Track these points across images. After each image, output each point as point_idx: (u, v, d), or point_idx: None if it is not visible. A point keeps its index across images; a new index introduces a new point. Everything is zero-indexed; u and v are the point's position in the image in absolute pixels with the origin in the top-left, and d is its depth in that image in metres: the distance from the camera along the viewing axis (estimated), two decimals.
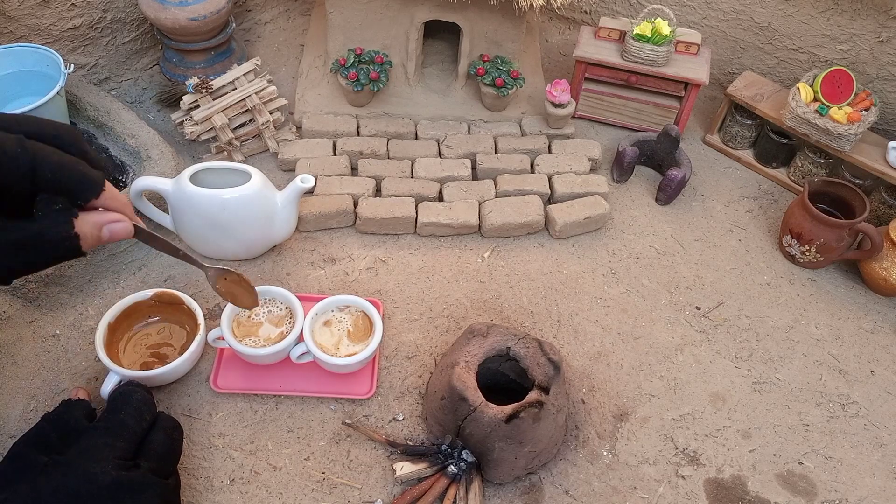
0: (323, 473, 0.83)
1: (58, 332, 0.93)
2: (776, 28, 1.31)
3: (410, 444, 0.86)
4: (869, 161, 1.14)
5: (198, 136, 1.12)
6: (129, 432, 0.68)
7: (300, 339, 0.87)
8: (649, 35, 1.20)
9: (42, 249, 0.45)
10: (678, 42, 1.24)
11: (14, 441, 0.68)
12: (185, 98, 1.11)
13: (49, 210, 0.46)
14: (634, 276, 1.10)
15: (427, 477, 0.82)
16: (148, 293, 0.91)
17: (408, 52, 1.24)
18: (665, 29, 1.19)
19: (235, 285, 0.78)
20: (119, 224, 0.49)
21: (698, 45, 1.25)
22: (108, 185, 0.47)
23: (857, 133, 1.11)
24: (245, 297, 0.80)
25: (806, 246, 1.10)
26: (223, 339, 0.87)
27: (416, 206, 1.10)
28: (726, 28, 1.37)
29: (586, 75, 1.28)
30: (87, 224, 0.46)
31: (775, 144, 1.26)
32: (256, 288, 0.90)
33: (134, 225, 0.52)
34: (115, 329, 0.88)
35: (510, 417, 0.78)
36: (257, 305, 0.83)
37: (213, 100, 1.12)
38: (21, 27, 1.13)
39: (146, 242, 0.58)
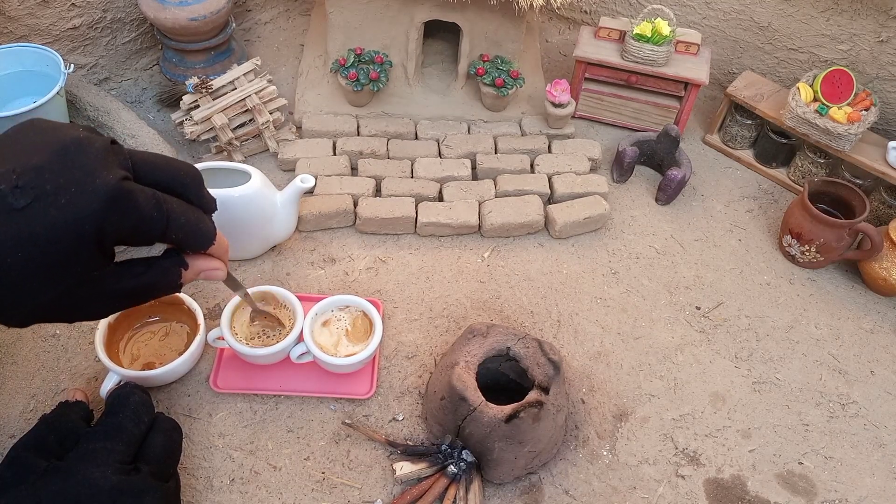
0: (323, 473, 0.83)
1: (57, 331, 0.93)
2: (776, 28, 1.31)
3: (410, 444, 0.86)
4: (869, 161, 1.14)
5: (198, 136, 1.12)
6: (127, 435, 0.68)
7: (300, 339, 0.87)
8: (649, 35, 1.20)
9: (148, 294, 0.47)
10: (678, 42, 1.24)
11: (13, 442, 0.68)
12: (185, 98, 1.11)
13: (158, 257, 0.48)
14: (634, 276, 1.10)
15: (427, 477, 0.82)
16: None
17: (408, 52, 1.24)
18: (665, 29, 1.19)
19: (269, 325, 0.87)
20: (217, 272, 0.51)
21: (698, 45, 1.25)
22: (218, 233, 0.50)
23: (857, 133, 1.11)
24: (273, 327, 0.88)
25: (806, 246, 1.10)
26: (223, 339, 0.87)
27: (416, 206, 1.10)
28: (726, 28, 1.37)
29: (586, 75, 1.28)
30: (191, 272, 0.49)
31: (775, 144, 1.26)
32: (259, 288, 0.91)
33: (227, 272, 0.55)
34: (114, 329, 0.88)
35: (510, 417, 0.78)
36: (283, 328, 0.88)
37: (213, 100, 1.12)
38: (21, 27, 1.14)
39: (229, 286, 0.62)
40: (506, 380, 0.89)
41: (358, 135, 1.22)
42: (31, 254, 0.38)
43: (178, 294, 0.91)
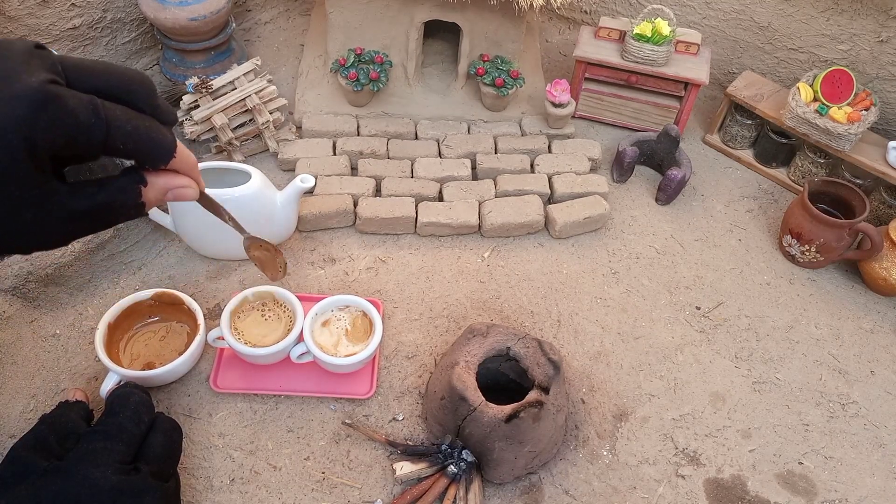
0: (323, 473, 0.83)
1: (57, 331, 0.93)
2: (776, 28, 1.31)
3: (410, 444, 0.86)
4: (869, 161, 1.14)
5: (198, 136, 1.12)
6: (127, 435, 0.68)
7: (300, 339, 0.87)
8: (649, 35, 1.20)
9: (107, 217, 0.43)
10: (678, 42, 1.24)
11: (13, 442, 0.68)
12: (185, 98, 1.11)
13: (113, 175, 0.43)
14: (634, 276, 1.10)
15: (427, 477, 0.82)
16: (148, 293, 0.91)
17: (408, 52, 1.24)
18: (665, 29, 1.19)
19: (268, 255, 0.77)
20: (186, 190, 0.46)
21: (698, 45, 1.25)
22: (180, 146, 0.45)
23: (856, 133, 1.11)
24: (272, 268, 0.78)
25: (806, 246, 1.10)
26: (223, 339, 0.87)
27: (416, 206, 1.10)
28: (726, 28, 1.37)
29: (586, 75, 1.28)
30: (153, 190, 0.44)
31: (775, 144, 1.26)
32: (259, 288, 0.91)
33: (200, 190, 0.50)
34: (114, 329, 0.88)
35: (510, 417, 0.78)
36: (279, 279, 0.80)
37: (213, 100, 1.12)
38: (21, 27, 1.13)
39: (205, 206, 0.56)
40: (506, 380, 0.89)
41: (358, 135, 1.22)
42: None
43: (178, 294, 0.91)
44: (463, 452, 0.82)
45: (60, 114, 0.36)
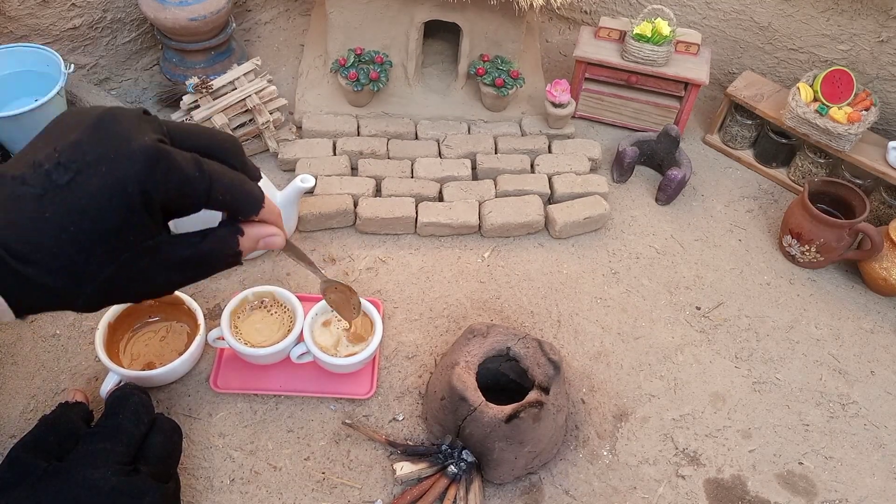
0: (323, 473, 0.83)
1: (58, 332, 0.93)
2: (776, 28, 1.31)
3: (410, 444, 0.86)
4: (869, 161, 1.14)
5: None
6: (127, 436, 0.68)
7: (300, 339, 0.87)
8: (649, 35, 1.20)
9: (207, 265, 0.46)
10: (678, 42, 1.24)
11: (13, 443, 0.68)
12: (185, 98, 1.11)
13: (214, 227, 0.47)
14: (634, 276, 1.10)
15: (427, 477, 0.82)
16: None
17: (408, 52, 1.24)
18: (665, 29, 1.19)
19: (343, 298, 0.80)
20: (275, 238, 0.50)
21: (698, 45, 1.25)
22: (266, 198, 0.49)
23: (857, 133, 1.11)
24: (346, 309, 0.81)
25: (806, 246, 1.10)
26: (223, 339, 0.87)
27: (416, 206, 1.10)
28: (726, 28, 1.37)
29: (586, 75, 1.28)
30: (248, 239, 0.48)
31: (775, 144, 1.26)
32: (260, 288, 0.91)
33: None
34: (115, 329, 0.88)
35: (510, 417, 0.78)
36: (353, 319, 0.84)
37: (214, 100, 1.12)
38: (21, 27, 1.13)
39: (288, 253, 0.59)
40: (506, 380, 0.89)
41: (358, 135, 1.22)
42: (82, 227, 0.38)
43: (178, 294, 0.91)
44: (463, 452, 0.82)
45: (171, 168, 0.40)
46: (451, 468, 0.81)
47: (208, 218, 0.47)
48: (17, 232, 0.37)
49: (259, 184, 0.49)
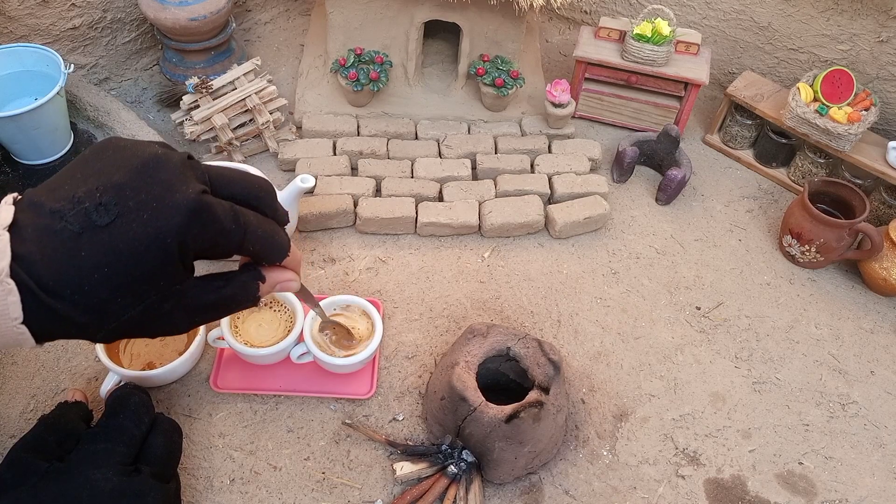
0: (323, 473, 0.83)
1: None
2: (776, 28, 1.31)
3: (410, 444, 0.86)
4: (869, 161, 1.14)
5: (198, 136, 1.12)
6: (128, 436, 0.68)
7: (300, 339, 0.87)
8: (649, 35, 1.20)
9: (227, 308, 0.48)
10: (678, 42, 1.24)
11: (13, 443, 0.68)
12: (185, 98, 1.11)
13: (236, 272, 0.49)
14: (634, 276, 1.10)
15: (427, 477, 0.82)
16: None
17: (408, 52, 1.24)
18: (665, 29, 1.19)
19: (338, 337, 0.87)
20: (291, 283, 0.52)
21: (698, 45, 1.25)
22: (292, 246, 0.51)
23: (857, 133, 1.11)
24: (337, 345, 0.88)
25: (806, 246, 1.10)
26: (223, 339, 0.87)
27: (416, 206, 1.10)
28: (726, 28, 1.37)
29: (586, 75, 1.28)
30: (268, 285, 0.50)
31: (775, 144, 1.26)
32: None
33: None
34: None
35: (510, 417, 0.78)
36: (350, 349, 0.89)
37: (213, 100, 1.12)
38: (21, 27, 1.13)
39: (300, 295, 0.61)
40: (506, 380, 0.89)
41: (358, 135, 1.22)
42: (116, 270, 0.38)
43: None
44: (463, 452, 0.82)
45: (210, 222, 0.41)
46: (451, 468, 0.81)
47: None
48: (50, 267, 0.37)
49: None
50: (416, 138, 1.24)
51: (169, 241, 0.39)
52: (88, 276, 0.38)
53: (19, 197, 0.40)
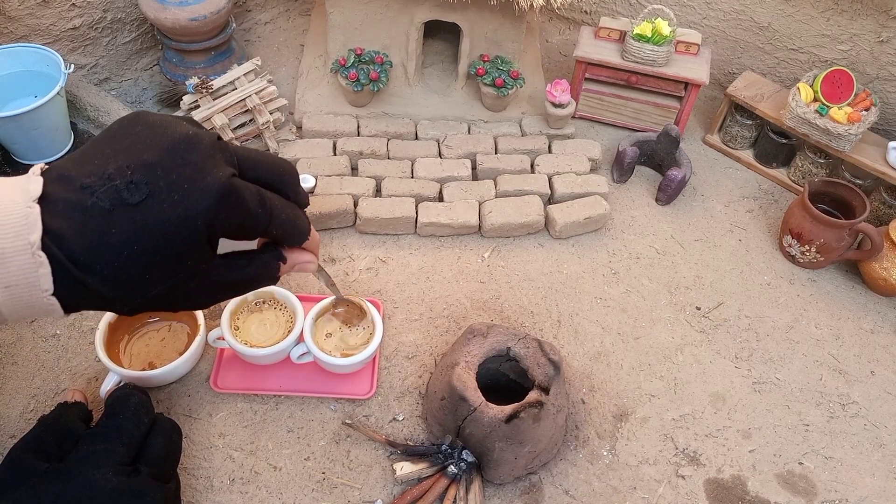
0: (323, 473, 0.83)
1: (58, 332, 0.93)
2: (776, 28, 1.31)
3: (410, 444, 0.86)
4: (869, 161, 1.14)
5: None
6: (127, 437, 0.68)
7: (300, 339, 0.87)
8: (649, 35, 1.20)
9: (248, 286, 0.49)
10: (678, 42, 1.24)
11: (13, 443, 0.68)
12: (185, 98, 1.11)
13: (258, 251, 0.50)
14: (634, 276, 1.10)
15: (427, 477, 0.82)
16: None
17: (408, 52, 1.24)
18: (665, 29, 1.19)
19: (351, 313, 0.87)
20: (310, 264, 0.53)
21: (698, 45, 1.25)
22: (311, 229, 0.52)
23: (857, 133, 1.11)
24: (348, 321, 0.89)
25: (806, 246, 1.10)
26: (223, 339, 0.87)
27: (417, 206, 1.10)
28: (726, 28, 1.37)
29: (586, 75, 1.28)
30: (288, 265, 0.51)
31: (775, 144, 1.26)
32: (262, 289, 0.91)
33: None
34: (115, 329, 0.88)
35: (510, 417, 0.78)
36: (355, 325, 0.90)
37: (214, 100, 1.12)
38: (21, 27, 1.13)
39: (317, 275, 0.63)
40: (506, 380, 0.89)
41: (358, 135, 1.22)
42: (146, 248, 0.39)
43: None
44: (463, 453, 0.82)
45: (238, 206, 0.42)
46: (451, 468, 0.81)
47: None
48: (82, 242, 0.38)
49: None
50: (417, 138, 1.24)
51: (199, 224, 0.40)
52: (118, 253, 0.38)
53: (46, 167, 0.40)
